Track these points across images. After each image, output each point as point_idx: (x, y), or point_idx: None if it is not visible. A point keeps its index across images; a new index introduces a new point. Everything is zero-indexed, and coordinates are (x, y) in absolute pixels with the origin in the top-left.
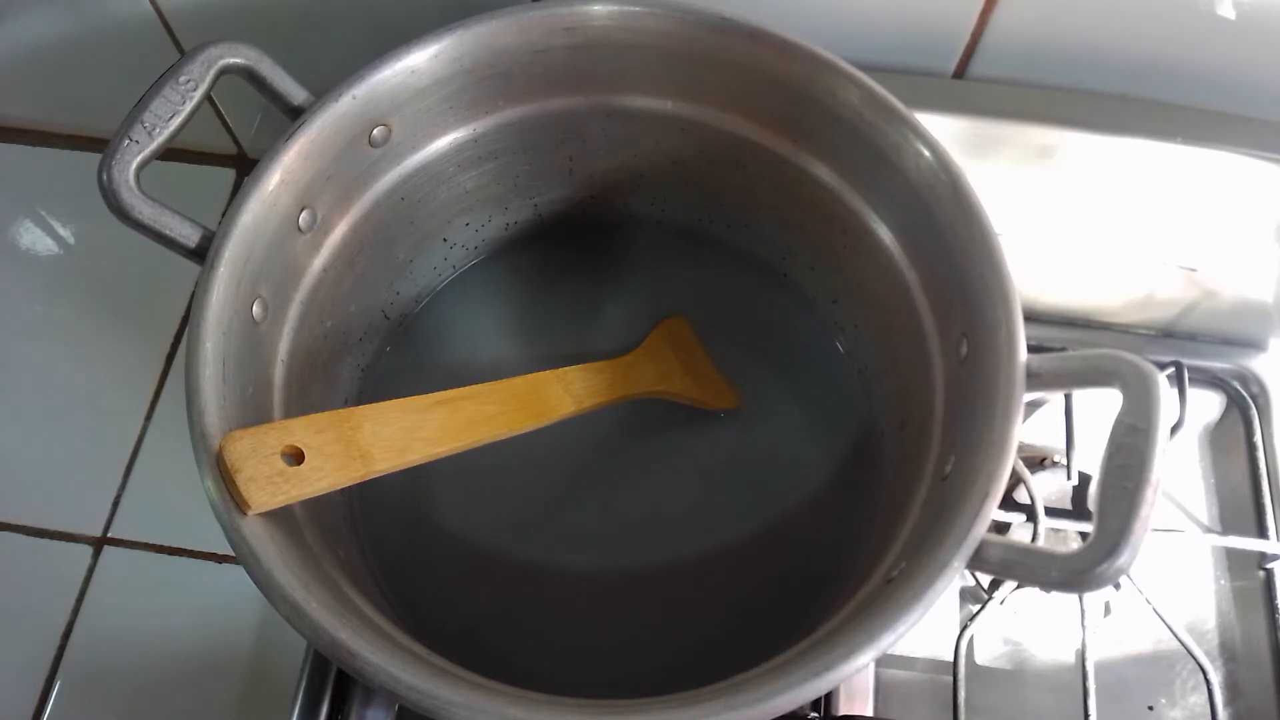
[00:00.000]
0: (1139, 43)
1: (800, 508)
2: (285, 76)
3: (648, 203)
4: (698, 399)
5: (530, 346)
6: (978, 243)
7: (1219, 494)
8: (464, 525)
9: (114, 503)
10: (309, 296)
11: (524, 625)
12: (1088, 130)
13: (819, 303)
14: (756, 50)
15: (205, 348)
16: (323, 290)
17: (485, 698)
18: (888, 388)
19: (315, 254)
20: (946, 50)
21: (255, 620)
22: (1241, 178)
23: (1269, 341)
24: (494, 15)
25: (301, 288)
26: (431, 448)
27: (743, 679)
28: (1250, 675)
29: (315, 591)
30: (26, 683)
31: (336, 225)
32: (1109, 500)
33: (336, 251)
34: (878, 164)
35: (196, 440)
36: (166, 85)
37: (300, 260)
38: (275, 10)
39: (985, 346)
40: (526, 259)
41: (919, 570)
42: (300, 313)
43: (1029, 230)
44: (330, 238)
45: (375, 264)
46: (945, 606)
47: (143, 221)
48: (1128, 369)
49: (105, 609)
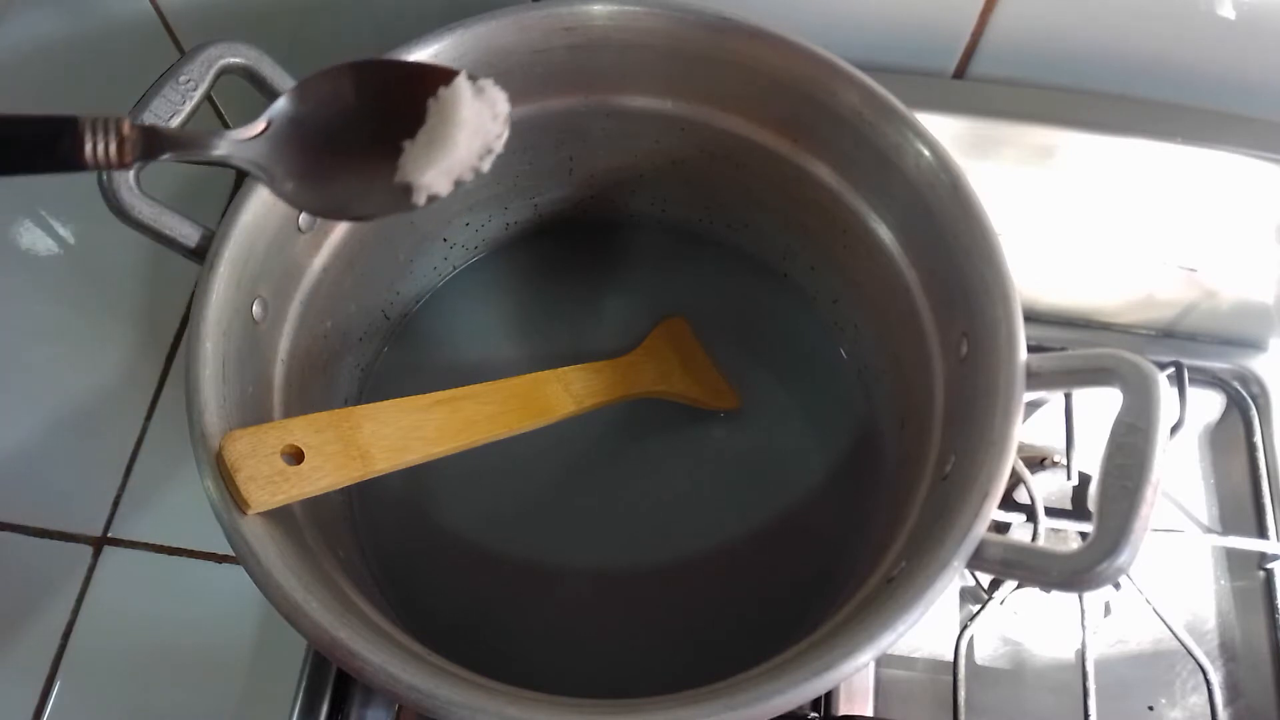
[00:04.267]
0: (1139, 43)
1: (800, 507)
2: (285, 76)
3: (648, 203)
4: (698, 399)
5: (530, 346)
6: (978, 243)
7: (1219, 494)
8: (463, 525)
9: (114, 503)
10: (309, 296)
11: (524, 625)
12: (1088, 130)
13: (819, 303)
14: (756, 50)
15: (205, 348)
16: (323, 290)
17: (485, 697)
18: (888, 387)
19: (315, 254)
20: (946, 50)
21: (255, 620)
22: (1241, 178)
23: (1269, 341)
24: (494, 15)
25: (301, 288)
26: (431, 447)
27: (743, 679)
28: (1250, 675)
29: (315, 591)
30: (26, 683)
31: (336, 225)
32: (1109, 500)
33: (336, 251)
34: (878, 164)
35: (196, 440)
36: (166, 85)
37: (300, 260)
38: (275, 10)
39: (985, 346)
40: (526, 259)
41: (919, 570)
42: (300, 313)
43: (1029, 230)
44: (330, 238)
45: (375, 264)
46: (945, 606)
47: (143, 221)
48: (1128, 369)
49: (105, 609)
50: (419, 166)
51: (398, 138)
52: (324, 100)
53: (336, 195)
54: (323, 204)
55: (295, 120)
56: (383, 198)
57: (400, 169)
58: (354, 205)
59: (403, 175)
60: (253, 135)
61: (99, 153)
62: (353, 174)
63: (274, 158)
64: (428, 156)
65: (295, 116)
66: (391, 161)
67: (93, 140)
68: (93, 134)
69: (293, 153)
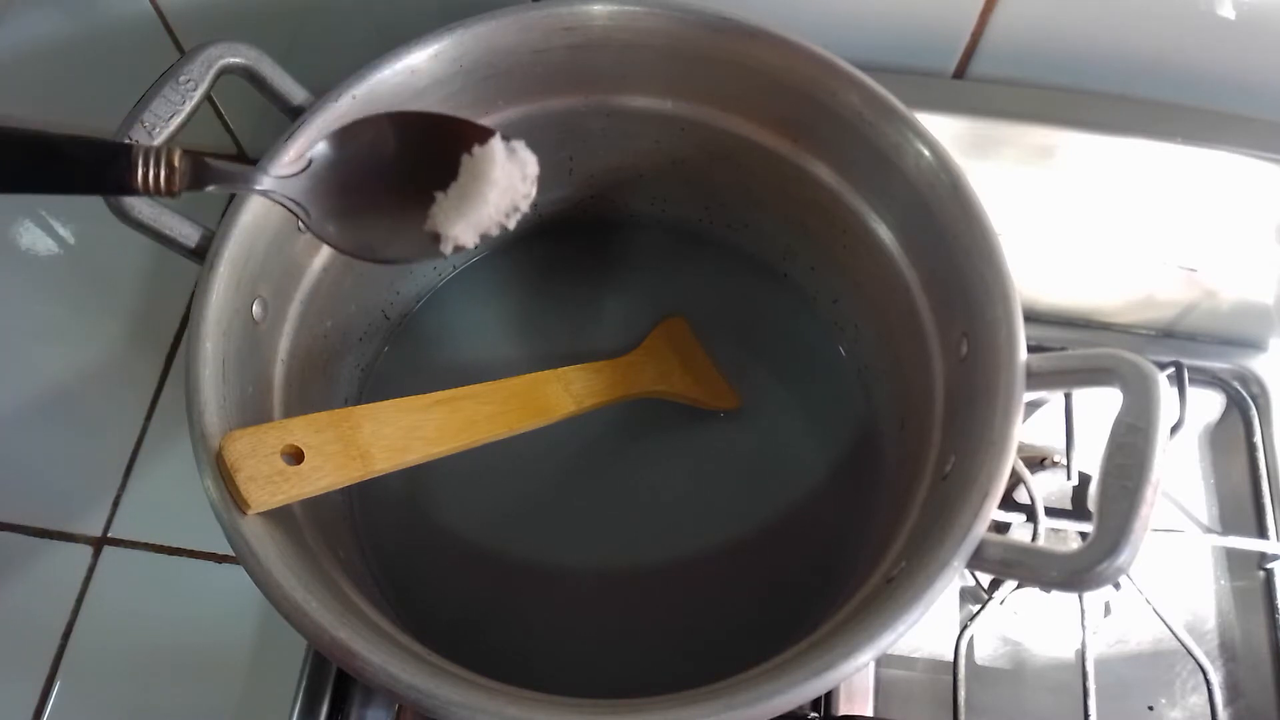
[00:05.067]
0: (1139, 43)
1: (800, 507)
2: (285, 76)
3: (648, 202)
4: (698, 399)
5: (530, 346)
6: (978, 243)
7: (1219, 494)
8: (463, 525)
9: (114, 503)
10: (309, 296)
11: (524, 625)
12: (1088, 130)
13: (819, 303)
14: (756, 50)
15: (205, 348)
16: (323, 290)
17: (485, 697)
18: (888, 387)
19: (315, 254)
20: (946, 50)
21: (255, 620)
22: (1241, 178)
23: (1269, 341)
24: (494, 15)
25: (301, 287)
26: (431, 447)
27: (743, 679)
28: (1250, 675)
29: (315, 591)
30: (26, 683)
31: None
32: (1109, 500)
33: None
34: (878, 164)
35: (196, 440)
36: (166, 85)
37: (300, 260)
38: (275, 10)
39: (985, 346)
40: (526, 258)
41: (919, 570)
42: (300, 312)
43: (1029, 230)
44: None
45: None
46: (945, 606)
47: (143, 221)
48: (1128, 368)
49: (105, 609)
50: (449, 219)
51: (430, 187)
52: (363, 146)
53: (367, 237)
54: (353, 244)
55: (334, 162)
56: (411, 243)
57: (431, 218)
58: (383, 248)
59: (432, 224)
60: (294, 173)
61: (150, 180)
62: (384, 218)
63: (311, 196)
64: (458, 210)
65: (334, 159)
66: (422, 209)
67: (144, 168)
68: (144, 162)
69: (329, 193)
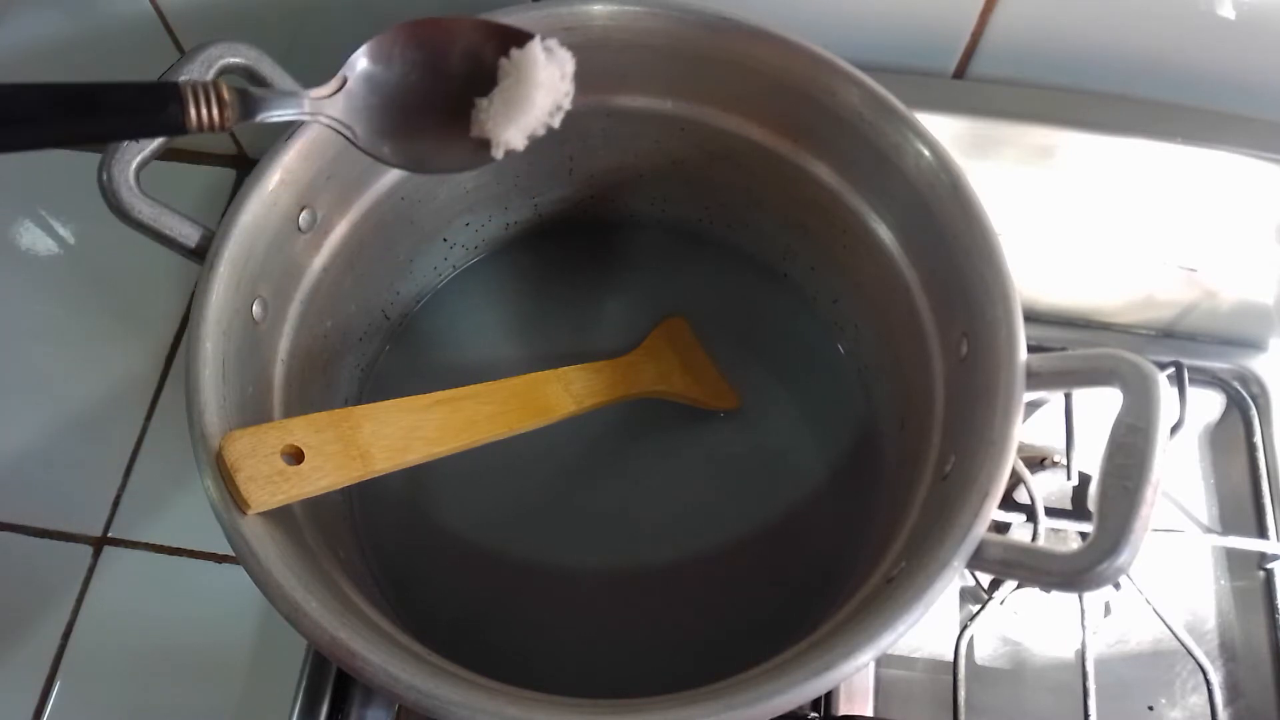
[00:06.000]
0: (1139, 43)
1: (800, 507)
2: (285, 76)
3: (648, 203)
4: (698, 399)
5: (530, 346)
6: (978, 243)
7: (1219, 494)
8: (464, 525)
9: (114, 503)
10: (309, 296)
11: (524, 625)
12: (1088, 130)
13: (819, 303)
14: (756, 50)
15: (205, 348)
16: (323, 290)
17: (485, 697)
18: (888, 387)
19: (315, 254)
20: (946, 50)
21: (255, 620)
22: (1241, 178)
23: (1269, 341)
24: (494, 15)
25: (301, 287)
26: (431, 447)
27: (743, 679)
28: (1250, 675)
29: (315, 591)
30: (26, 683)
31: (336, 225)
32: (1109, 500)
33: (336, 251)
34: (878, 164)
35: (196, 440)
36: None
37: (300, 260)
38: (275, 10)
39: (985, 346)
40: (527, 258)
41: (919, 570)
42: (300, 312)
43: (1029, 230)
44: (330, 237)
45: (375, 263)
46: (945, 606)
47: (143, 221)
48: (1128, 369)
49: (105, 609)
50: (498, 124)
51: (469, 94)
52: (395, 58)
53: (417, 151)
54: (405, 159)
55: (368, 78)
56: (461, 153)
57: (476, 125)
58: (434, 159)
59: (479, 131)
60: (330, 93)
61: (203, 117)
62: (428, 130)
63: (355, 116)
64: (506, 115)
65: (368, 74)
66: (464, 118)
67: (195, 106)
68: (195, 99)
69: (372, 111)
